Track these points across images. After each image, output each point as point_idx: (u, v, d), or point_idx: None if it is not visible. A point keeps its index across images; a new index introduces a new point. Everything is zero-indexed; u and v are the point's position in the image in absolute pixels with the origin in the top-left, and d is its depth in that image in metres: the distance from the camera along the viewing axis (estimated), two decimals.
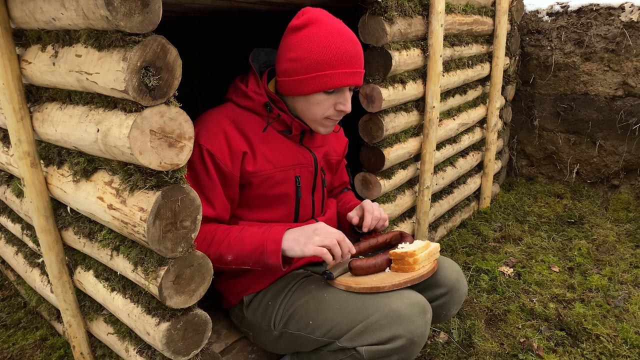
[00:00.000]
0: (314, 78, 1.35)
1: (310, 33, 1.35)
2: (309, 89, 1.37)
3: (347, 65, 1.36)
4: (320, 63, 1.34)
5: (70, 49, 1.14)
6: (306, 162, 1.54)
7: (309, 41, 1.34)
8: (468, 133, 2.87)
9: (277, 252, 1.31)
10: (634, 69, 3.06)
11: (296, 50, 1.36)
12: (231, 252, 1.34)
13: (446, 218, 2.82)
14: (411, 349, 1.27)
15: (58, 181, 1.33)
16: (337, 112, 1.44)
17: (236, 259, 1.34)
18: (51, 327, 1.98)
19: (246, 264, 1.35)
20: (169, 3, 1.73)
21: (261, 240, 1.33)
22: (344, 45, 1.35)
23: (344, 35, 1.37)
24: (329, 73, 1.35)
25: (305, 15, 1.39)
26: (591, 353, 1.84)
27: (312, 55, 1.34)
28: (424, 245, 1.46)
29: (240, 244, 1.34)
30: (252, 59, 1.52)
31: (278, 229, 1.36)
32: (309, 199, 1.58)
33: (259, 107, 1.46)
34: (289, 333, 1.40)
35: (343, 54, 1.35)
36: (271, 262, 1.32)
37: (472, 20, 2.54)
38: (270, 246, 1.31)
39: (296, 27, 1.38)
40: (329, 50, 1.33)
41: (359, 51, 1.40)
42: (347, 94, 1.43)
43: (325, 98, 1.40)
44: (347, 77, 1.37)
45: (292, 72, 1.38)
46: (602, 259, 2.54)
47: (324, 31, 1.35)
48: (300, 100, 1.43)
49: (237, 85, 1.51)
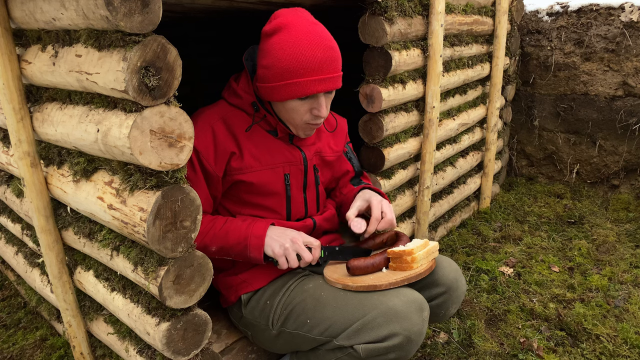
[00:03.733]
0: (284, 86, 1.35)
1: (279, 40, 1.33)
2: (281, 96, 1.37)
3: (316, 72, 1.33)
4: (288, 71, 1.32)
5: (70, 49, 1.14)
6: (295, 160, 1.54)
7: (277, 48, 1.33)
8: (468, 133, 2.87)
9: (260, 248, 1.39)
10: (634, 69, 3.06)
11: (267, 57, 1.35)
12: (215, 243, 1.41)
13: (446, 218, 2.82)
14: (408, 347, 1.27)
15: (58, 181, 1.33)
16: (314, 117, 1.43)
17: (219, 250, 1.42)
18: (51, 327, 1.98)
19: (229, 255, 1.43)
20: (169, 3, 1.73)
21: (245, 234, 1.40)
22: (312, 52, 1.32)
23: (313, 41, 1.33)
24: (297, 81, 1.33)
25: (276, 19, 1.37)
26: (591, 353, 1.84)
27: (281, 63, 1.32)
28: (422, 244, 1.46)
29: (224, 236, 1.41)
30: (246, 56, 1.52)
31: (261, 224, 1.42)
32: (301, 196, 1.59)
33: (246, 106, 1.48)
34: (287, 332, 1.41)
35: (311, 61, 1.32)
36: (252, 256, 1.40)
37: (472, 20, 2.54)
38: (254, 241, 1.39)
39: (267, 33, 1.37)
40: (296, 58, 1.31)
41: (329, 56, 1.35)
42: (322, 99, 1.40)
43: (299, 104, 1.39)
44: (316, 84, 1.34)
45: (265, 79, 1.38)
46: (602, 259, 2.54)
47: (293, 37, 1.32)
48: (278, 105, 1.44)
49: (230, 83, 1.53)
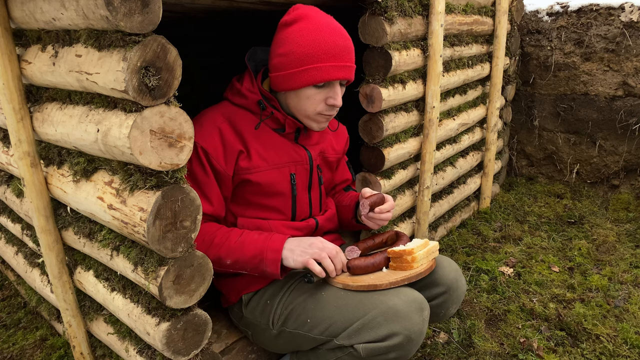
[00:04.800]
0: (303, 71, 1.36)
1: (299, 27, 1.36)
2: (299, 82, 1.38)
3: (336, 58, 1.36)
4: (309, 56, 1.34)
5: (70, 49, 1.14)
6: (301, 160, 1.55)
7: (298, 35, 1.35)
8: (468, 133, 2.87)
9: (277, 262, 1.35)
10: (634, 69, 3.06)
11: (286, 44, 1.37)
12: (230, 256, 1.37)
13: (446, 218, 2.82)
14: (409, 347, 1.27)
15: (58, 181, 1.33)
16: (328, 107, 1.44)
17: (235, 263, 1.37)
18: (51, 327, 1.98)
19: (244, 269, 1.39)
20: (169, 3, 1.73)
21: (262, 248, 1.36)
22: (333, 39, 1.35)
23: (334, 29, 1.37)
24: (317, 66, 1.35)
25: (296, 11, 1.40)
26: (591, 353, 1.84)
27: (301, 48, 1.34)
28: (422, 244, 1.46)
29: (240, 249, 1.36)
30: (248, 57, 1.53)
31: (279, 237, 1.38)
32: (306, 196, 1.59)
33: (252, 105, 1.47)
34: (288, 331, 1.41)
35: (332, 47, 1.35)
36: (269, 270, 1.35)
37: (472, 20, 2.54)
38: (271, 255, 1.35)
39: (286, 22, 1.39)
40: (317, 43, 1.34)
41: (348, 45, 1.39)
42: (338, 88, 1.42)
43: (315, 92, 1.40)
44: (336, 70, 1.37)
45: (282, 67, 1.38)
46: (602, 259, 2.54)
47: (313, 25, 1.36)
48: (291, 95, 1.44)
49: (233, 83, 1.52)
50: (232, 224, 1.53)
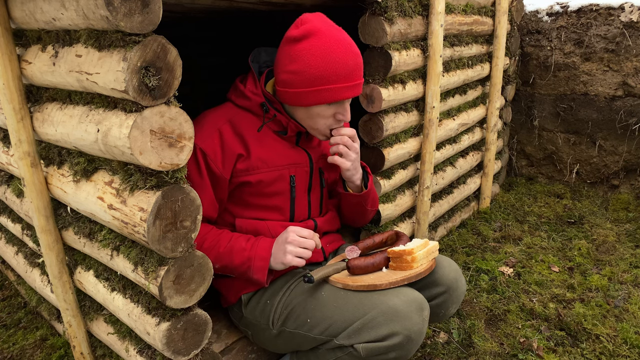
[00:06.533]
0: (314, 92, 1.36)
1: (309, 46, 1.34)
2: (309, 101, 1.39)
3: (346, 79, 1.37)
4: (320, 78, 1.34)
5: (70, 49, 1.14)
6: (301, 162, 1.55)
7: (308, 55, 1.34)
8: (468, 133, 2.87)
9: (264, 270, 1.40)
10: (634, 69, 3.07)
11: (296, 62, 1.36)
12: (219, 262, 1.41)
13: (446, 218, 2.82)
14: (408, 346, 1.27)
15: (58, 181, 1.34)
16: (336, 122, 1.47)
17: (223, 269, 1.43)
18: (51, 327, 1.98)
19: (232, 273, 1.45)
20: (169, 3, 1.73)
21: (249, 256, 1.40)
22: (344, 59, 1.35)
23: (344, 47, 1.36)
24: (329, 87, 1.36)
25: (305, 25, 1.37)
26: (591, 353, 1.85)
27: (312, 70, 1.34)
28: (422, 244, 1.46)
29: (228, 256, 1.41)
30: (252, 58, 1.53)
31: (265, 244, 1.42)
32: (305, 198, 1.59)
33: (255, 107, 1.47)
34: (287, 331, 1.41)
35: (343, 68, 1.35)
36: (255, 277, 1.40)
37: (472, 20, 2.54)
38: (258, 263, 1.40)
39: (295, 38, 1.37)
40: (329, 65, 1.34)
41: (358, 63, 1.40)
42: (347, 104, 1.46)
43: (325, 109, 1.42)
44: (346, 90, 1.38)
45: (292, 85, 1.38)
46: (602, 259, 2.54)
47: (324, 44, 1.34)
48: (300, 110, 1.45)
49: (236, 85, 1.52)
50: (230, 224, 1.53)
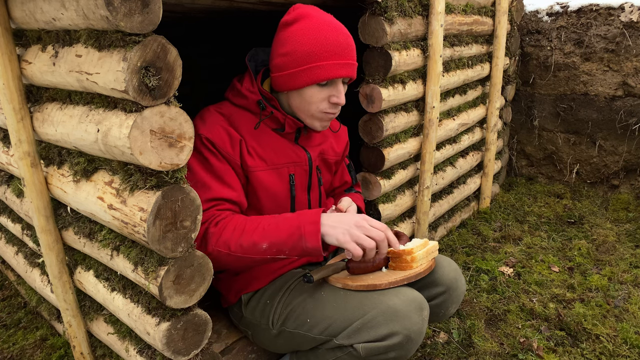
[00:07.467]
0: (306, 70, 1.36)
1: (300, 27, 1.37)
2: (301, 81, 1.38)
3: (338, 56, 1.37)
4: (312, 55, 1.34)
5: (70, 49, 1.14)
6: (300, 161, 1.55)
7: (299, 34, 1.36)
8: (468, 133, 2.87)
9: (317, 234, 1.24)
10: (634, 69, 3.07)
11: (287, 44, 1.37)
12: (266, 239, 1.26)
13: (446, 218, 2.82)
14: (408, 346, 1.27)
15: (58, 181, 1.34)
16: (331, 105, 1.44)
17: (272, 246, 1.26)
18: (51, 327, 1.98)
19: (282, 251, 1.27)
20: (169, 3, 1.73)
21: (297, 223, 1.26)
22: (334, 37, 1.36)
23: (335, 27, 1.38)
24: (320, 64, 1.35)
25: (296, 10, 1.40)
26: (591, 353, 1.85)
27: (303, 47, 1.35)
28: (422, 244, 1.46)
29: (275, 230, 1.27)
30: (249, 58, 1.53)
31: (312, 211, 1.30)
32: (305, 197, 1.59)
33: (252, 105, 1.47)
34: (287, 331, 1.41)
35: (334, 45, 1.35)
36: (310, 245, 1.24)
37: (472, 20, 2.54)
38: (309, 228, 1.24)
39: (287, 22, 1.40)
40: (319, 41, 1.34)
41: (350, 43, 1.40)
42: (340, 86, 1.42)
43: (318, 91, 1.40)
44: (339, 68, 1.37)
45: (284, 66, 1.39)
46: (602, 259, 2.54)
47: (315, 24, 1.36)
48: (294, 95, 1.44)
49: (233, 84, 1.53)
50: None
